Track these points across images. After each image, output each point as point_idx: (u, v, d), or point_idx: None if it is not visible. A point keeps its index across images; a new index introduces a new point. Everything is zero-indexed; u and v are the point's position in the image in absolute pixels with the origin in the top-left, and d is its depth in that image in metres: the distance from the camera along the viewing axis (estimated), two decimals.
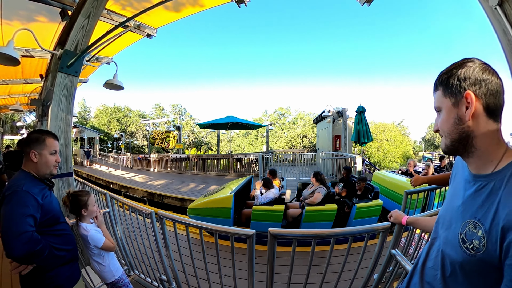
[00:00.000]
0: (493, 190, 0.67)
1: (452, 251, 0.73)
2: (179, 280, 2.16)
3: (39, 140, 1.42)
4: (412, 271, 0.95)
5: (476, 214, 0.68)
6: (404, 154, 27.03)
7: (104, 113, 38.04)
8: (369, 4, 3.23)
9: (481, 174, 0.72)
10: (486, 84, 0.68)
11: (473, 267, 0.67)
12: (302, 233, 1.87)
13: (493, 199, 0.66)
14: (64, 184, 2.40)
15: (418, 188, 3.11)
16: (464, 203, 0.75)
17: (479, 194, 0.71)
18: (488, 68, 0.70)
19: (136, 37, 4.11)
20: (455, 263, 0.71)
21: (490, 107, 0.68)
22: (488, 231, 0.63)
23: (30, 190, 1.29)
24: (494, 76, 0.69)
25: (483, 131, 0.69)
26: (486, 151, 0.71)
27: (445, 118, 0.75)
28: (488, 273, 0.65)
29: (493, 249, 0.61)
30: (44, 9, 2.76)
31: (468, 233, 0.68)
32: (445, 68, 0.76)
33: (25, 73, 5.19)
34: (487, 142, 0.70)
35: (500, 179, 0.67)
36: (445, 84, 0.74)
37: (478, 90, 0.68)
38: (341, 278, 1.78)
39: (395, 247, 1.82)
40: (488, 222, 0.64)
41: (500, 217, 0.61)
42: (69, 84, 2.43)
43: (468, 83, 0.69)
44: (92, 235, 1.75)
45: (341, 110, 11.42)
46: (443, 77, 0.75)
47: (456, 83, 0.71)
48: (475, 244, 0.65)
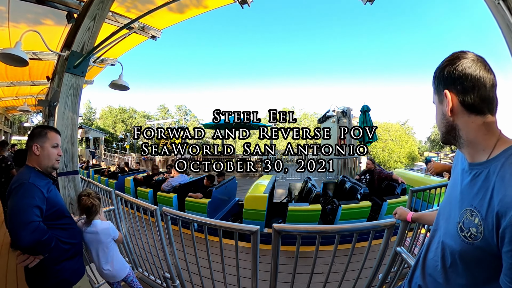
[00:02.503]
0: (487, 177, 0.68)
1: (451, 240, 0.74)
2: (182, 278, 2.17)
3: (41, 134, 1.47)
4: (415, 264, 0.96)
5: (473, 202, 0.70)
6: (409, 154, 26.73)
7: (109, 114, 38.41)
8: (372, 2, 3.22)
9: (476, 163, 0.74)
10: (462, 82, 0.71)
11: (472, 256, 0.67)
12: (306, 229, 1.87)
13: (487, 186, 0.67)
14: (70, 182, 2.44)
15: (426, 186, 3.11)
16: (462, 192, 0.77)
17: (475, 182, 0.72)
18: (469, 65, 0.70)
19: (140, 38, 4.16)
20: (455, 253, 0.72)
21: (466, 102, 0.71)
22: (485, 218, 0.64)
23: (36, 183, 1.33)
24: (474, 73, 0.69)
25: (466, 124, 0.73)
26: (474, 141, 0.74)
27: (436, 114, 0.83)
28: (487, 262, 0.65)
29: (490, 236, 0.62)
30: (50, 12, 2.82)
31: (466, 221, 0.69)
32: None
33: (32, 75, 5.30)
34: (473, 134, 0.73)
35: (494, 166, 0.68)
36: (433, 83, 0.81)
37: (454, 89, 0.73)
38: (346, 278, 1.77)
39: (400, 244, 1.81)
40: (484, 209, 0.65)
41: (494, 203, 0.62)
42: (75, 84, 2.47)
43: (447, 82, 0.74)
44: (112, 226, 1.82)
45: (346, 110, 11.34)
46: (434, 75, 0.81)
47: (438, 82, 0.78)
48: (473, 232, 0.66)
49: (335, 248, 1.65)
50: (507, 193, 0.60)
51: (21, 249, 1.24)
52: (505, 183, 0.62)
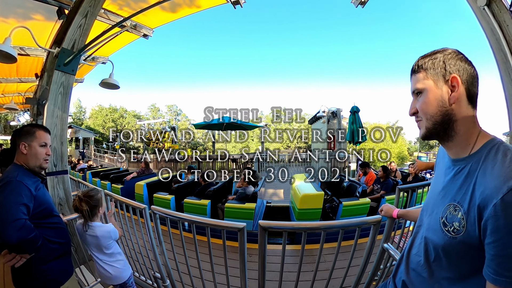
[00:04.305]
0: (470, 171, 0.70)
1: (434, 235, 0.75)
2: (173, 278, 2.16)
3: (29, 132, 1.44)
4: (399, 260, 0.97)
5: (456, 196, 0.71)
6: (399, 154, 27.22)
7: (100, 114, 37.67)
8: (363, 6, 3.29)
9: (459, 158, 0.75)
10: (467, 70, 0.72)
11: (455, 249, 0.69)
12: (292, 226, 1.87)
13: (470, 181, 0.68)
14: (59, 181, 2.40)
15: (414, 184, 3.19)
16: (444, 188, 0.78)
17: (457, 177, 0.74)
18: (466, 58, 0.74)
19: (132, 37, 4.12)
20: (438, 247, 0.73)
21: (471, 93, 0.72)
22: (467, 212, 0.65)
23: (24, 181, 1.31)
24: (471, 66, 0.73)
25: (464, 115, 0.72)
26: (464, 135, 0.74)
27: (428, 100, 0.75)
28: (470, 255, 0.66)
29: (472, 229, 0.63)
30: (41, 7, 2.76)
31: (449, 216, 0.71)
32: (426, 53, 0.78)
33: (20, 71, 5.15)
34: (466, 126, 0.73)
35: (476, 160, 0.70)
36: (429, 66, 0.75)
37: (462, 76, 0.71)
38: (334, 275, 1.77)
39: (387, 241, 1.83)
40: (467, 203, 0.66)
41: (476, 196, 0.64)
42: (65, 82, 2.44)
43: (454, 68, 0.72)
44: (113, 229, 1.77)
45: (336, 111, 11.50)
46: (427, 59, 0.76)
47: (441, 65, 0.73)
48: (455, 226, 0.68)
49: (321, 244, 1.65)
50: (488, 186, 0.61)
51: (7, 247, 1.22)
52: (486, 177, 0.63)
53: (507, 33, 2.21)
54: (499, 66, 2.33)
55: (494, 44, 2.32)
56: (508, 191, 0.57)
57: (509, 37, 2.21)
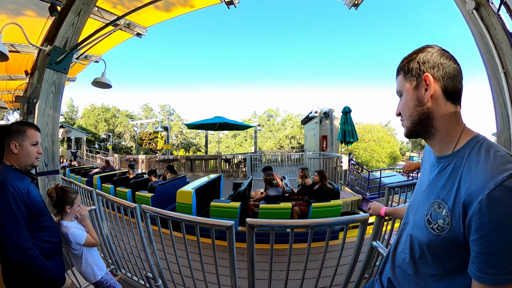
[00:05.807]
0: (454, 169, 0.70)
1: (419, 233, 0.76)
2: (164, 277, 2.16)
3: (20, 131, 1.41)
4: (386, 258, 0.98)
5: (440, 194, 0.71)
6: (391, 154, 27.63)
7: (92, 113, 37.07)
8: (356, 8, 3.34)
9: (443, 155, 0.76)
10: (444, 67, 0.71)
11: (439, 247, 0.69)
12: (279, 223, 1.87)
13: (455, 177, 0.68)
14: (50, 181, 2.37)
15: (403, 183, 3.25)
16: (429, 186, 0.79)
17: (442, 174, 0.74)
18: (446, 53, 0.73)
19: (125, 35, 4.08)
20: (422, 245, 0.74)
21: (448, 89, 0.72)
22: (452, 209, 0.65)
23: (15, 185, 1.30)
24: (452, 61, 0.72)
25: (442, 112, 0.72)
26: (445, 132, 0.74)
27: (405, 101, 0.78)
28: (455, 252, 0.66)
29: (457, 226, 0.63)
30: (33, 3, 2.72)
31: (433, 214, 0.71)
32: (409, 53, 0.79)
33: (9, 69, 5.04)
34: (446, 123, 0.73)
35: (460, 157, 0.70)
36: (406, 68, 0.77)
37: (436, 73, 0.71)
38: (324, 274, 1.77)
39: (376, 238, 1.83)
40: (451, 200, 0.66)
41: (461, 193, 0.64)
42: (57, 81, 2.41)
43: (427, 66, 0.72)
44: (73, 232, 1.71)
45: (328, 111, 11.64)
46: (404, 61, 0.78)
47: (415, 66, 0.74)
48: (440, 223, 0.68)
49: (309, 244, 1.65)
50: (472, 182, 0.61)
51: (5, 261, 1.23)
52: (471, 173, 0.64)
53: (495, 36, 2.28)
54: (487, 68, 2.39)
55: (482, 47, 2.38)
56: (494, 187, 0.56)
57: (497, 40, 2.27)
